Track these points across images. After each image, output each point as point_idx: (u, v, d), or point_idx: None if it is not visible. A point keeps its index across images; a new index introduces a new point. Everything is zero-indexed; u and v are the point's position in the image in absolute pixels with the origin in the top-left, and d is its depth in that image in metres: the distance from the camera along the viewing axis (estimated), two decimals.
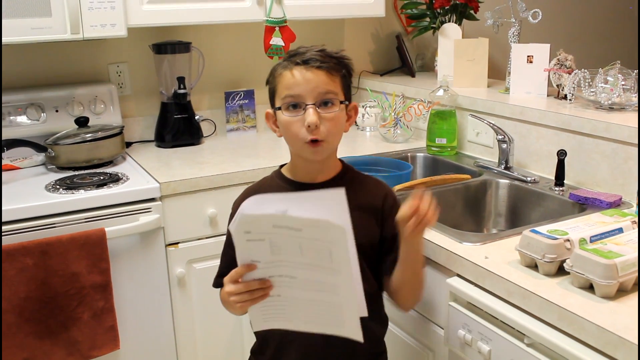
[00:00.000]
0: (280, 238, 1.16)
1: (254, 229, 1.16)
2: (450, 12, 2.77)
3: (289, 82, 1.31)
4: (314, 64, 1.31)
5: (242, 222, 1.16)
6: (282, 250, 1.17)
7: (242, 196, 1.42)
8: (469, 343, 1.41)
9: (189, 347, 2.17)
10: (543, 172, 2.06)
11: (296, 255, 1.17)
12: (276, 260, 1.19)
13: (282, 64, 1.35)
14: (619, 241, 1.32)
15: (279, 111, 1.33)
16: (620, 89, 1.97)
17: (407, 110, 2.53)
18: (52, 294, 1.84)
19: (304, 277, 1.19)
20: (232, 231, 1.18)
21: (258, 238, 1.17)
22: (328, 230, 1.12)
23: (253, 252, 1.20)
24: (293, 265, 1.19)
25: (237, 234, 1.18)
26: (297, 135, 1.31)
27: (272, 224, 1.14)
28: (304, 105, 1.30)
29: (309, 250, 1.16)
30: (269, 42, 2.47)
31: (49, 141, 2.22)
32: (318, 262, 1.17)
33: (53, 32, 2.06)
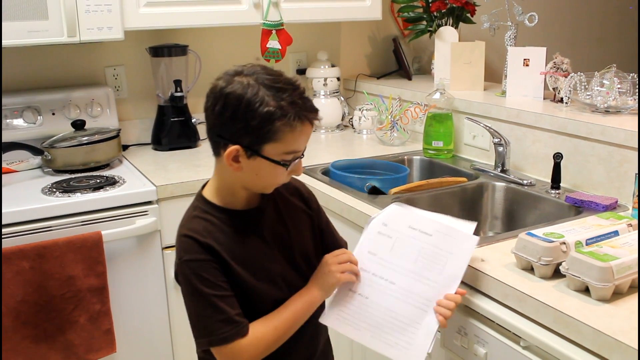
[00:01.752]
0: (405, 241, 1.31)
1: (391, 223, 1.34)
2: (447, 16, 2.78)
3: (299, 137, 1.22)
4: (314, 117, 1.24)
5: (388, 212, 1.35)
6: (399, 254, 1.31)
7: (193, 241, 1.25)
8: (466, 346, 1.41)
9: (185, 349, 2.17)
10: (539, 175, 2.07)
11: (409, 262, 1.30)
12: (389, 262, 1.31)
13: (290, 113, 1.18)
14: (615, 244, 1.32)
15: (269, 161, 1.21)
16: (616, 92, 1.98)
17: (404, 113, 2.53)
18: (49, 297, 1.84)
19: (402, 285, 1.29)
20: (373, 220, 1.37)
21: (388, 234, 1.33)
22: (457, 239, 1.30)
23: (375, 244, 1.34)
24: (400, 271, 1.30)
25: (375, 222, 1.36)
26: (278, 181, 1.28)
27: (409, 224, 1.33)
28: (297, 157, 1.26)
29: (424, 259, 1.30)
30: (266, 45, 2.48)
31: (46, 144, 2.22)
32: (426, 273, 1.29)
33: (50, 35, 2.06)
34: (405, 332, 1.28)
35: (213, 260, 1.23)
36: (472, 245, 1.32)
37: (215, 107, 1.22)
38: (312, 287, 1.32)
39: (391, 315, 1.29)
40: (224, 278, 1.24)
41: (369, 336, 1.29)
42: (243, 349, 1.23)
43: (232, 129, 1.20)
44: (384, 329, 1.29)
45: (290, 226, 1.36)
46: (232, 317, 1.22)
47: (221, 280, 1.23)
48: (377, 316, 1.29)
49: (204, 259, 1.23)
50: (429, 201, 1.99)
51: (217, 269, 1.23)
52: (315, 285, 1.31)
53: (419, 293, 1.28)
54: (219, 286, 1.22)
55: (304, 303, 1.30)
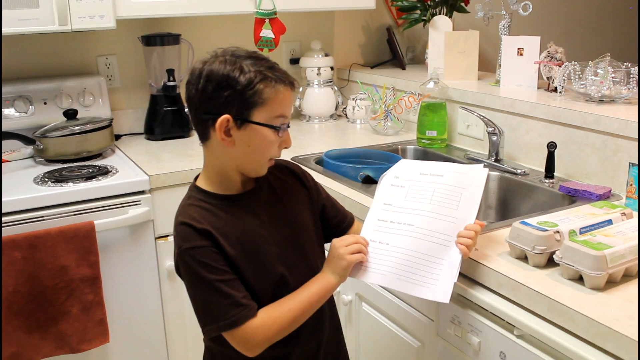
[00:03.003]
0: (418, 186, 1.37)
1: (402, 174, 1.41)
2: (441, 5, 2.77)
3: (286, 102, 1.25)
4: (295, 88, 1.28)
5: (398, 166, 1.43)
6: (414, 198, 1.36)
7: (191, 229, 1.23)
8: (459, 335, 1.41)
9: (179, 339, 2.17)
10: (533, 165, 2.07)
11: (425, 202, 1.35)
12: (405, 207, 1.36)
13: (270, 76, 1.21)
14: (609, 233, 1.32)
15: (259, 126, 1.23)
16: (610, 81, 1.98)
17: (398, 103, 2.52)
18: (41, 287, 1.83)
19: (421, 225, 1.33)
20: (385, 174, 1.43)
21: (400, 184, 1.39)
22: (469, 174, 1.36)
23: (389, 195, 1.39)
24: (417, 213, 1.34)
25: (387, 177, 1.42)
26: (270, 154, 1.28)
27: (420, 171, 1.39)
28: (286, 127, 1.27)
29: (439, 197, 1.34)
30: (259, 34, 2.46)
31: (37, 134, 2.21)
32: (443, 210, 1.33)
33: (40, 24, 2.04)
34: (430, 269, 1.30)
35: (212, 246, 1.22)
36: (483, 176, 1.37)
37: (197, 87, 1.22)
38: (326, 272, 1.32)
39: (414, 255, 1.31)
40: (225, 262, 1.23)
41: (396, 279, 1.31)
42: (256, 330, 1.23)
43: (218, 101, 1.21)
44: (409, 270, 1.30)
45: (287, 205, 1.36)
46: (239, 300, 1.21)
47: (223, 265, 1.23)
48: (400, 259, 1.31)
49: (203, 245, 1.22)
50: None
51: (217, 253, 1.23)
52: (329, 270, 1.31)
53: (438, 230, 1.31)
54: (221, 270, 1.22)
55: (320, 287, 1.30)
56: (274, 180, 1.38)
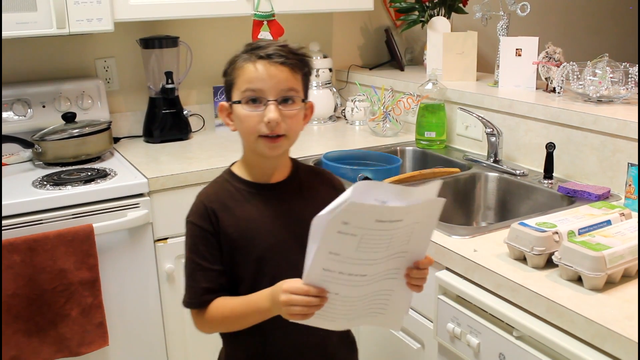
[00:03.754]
0: (374, 235, 1.08)
1: (353, 221, 1.05)
2: (439, 6, 2.77)
3: (251, 76, 1.26)
4: (278, 60, 1.26)
5: (347, 210, 1.03)
6: (369, 249, 1.10)
7: (201, 204, 1.32)
8: (458, 336, 1.41)
9: (178, 342, 2.16)
10: (532, 165, 2.07)
11: (381, 251, 1.11)
12: (356, 259, 1.10)
13: (242, 56, 1.28)
14: (607, 233, 1.32)
15: (236, 105, 1.28)
16: (609, 81, 1.98)
17: (396, 104, 2.52)
18: (40, 290, 1.82)
19: (373, 272, 1.14)
20: (329, 220, 1.04)
21: (351, 232, 1.06)
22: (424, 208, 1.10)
23: (336, 244, 1.08)
24: (370, 263, 1.12)
25: (334, 224, 1.05)
26: (254, 129, 1.27)
27: (376, 218, 1.05)
28: (265, 101, 1.25)
29: (396, 240, 1.11)
30: (257, 36, 2.46)
31: (36, 137, 2.20)
32: (397, 249, 1.13)
33: (39, 27, 2.04)
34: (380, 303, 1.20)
35: (210, 231, 1.29)
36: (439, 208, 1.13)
37: None
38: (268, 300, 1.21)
39: (365, 299, 1.18)
40: (215, 250, 1.29)
41: (345, 322, 1.23)
42: (196, 320, 1.33)
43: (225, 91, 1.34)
44: (359, 312, 1.20)
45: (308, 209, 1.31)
46: (199, 288, 1.29)
47: (210, 253, 1.29)
48: (350, 306, 1.19)
49: (201, 225, 1.29)
50: None
51: (210, 239, 1.29)
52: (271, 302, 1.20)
53: (389, 268, 1.16)
54: (204, 258, 1.29)
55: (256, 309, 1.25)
56: (307, 183, 1.39)
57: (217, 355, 1.49)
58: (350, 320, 1.21)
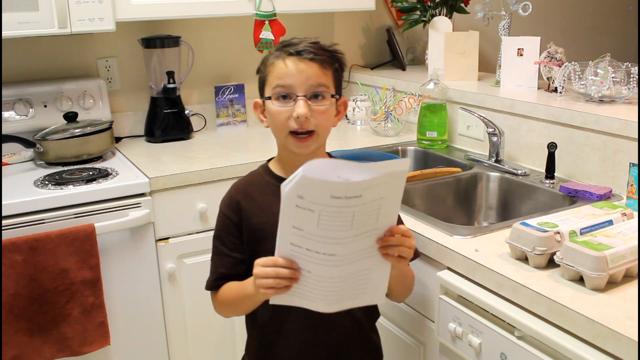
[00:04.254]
0: (332, 211, 1.05)
1: (308, 195, 1.04)
2: (441, 5, 2.77)
3: (280, 72, 1.30)
4: (307, 56, 1.30)
5: (300, 184, 1.03)
6: (330, 226, 1.07)
7: (229, 192, 1.42)
8: (460, 336, 1.41)
9: (180, 342, 2.16)
10: (533, 165, 2.07)
11: (344, 229, 1.08)
12: (320, 236, 1.09)
13: (274, 53, 1.33)
14: (609, 233, 1.32)
15: (268, 101, 1.32)
16: (610, 81, 1.97)
17: (398, 104, 2.52)
18: (42, 290, 1.83)
19: (344, 252, 1.11)
20: (285, 192, 1.06)
21: (308, 207, 1.05)
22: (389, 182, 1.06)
23: (297, 219, 1.08)
24: (336, 242, 1.10)
25: (289, 196, 1.06)
26: (284, 125, 1.30)
27: (330, 194, 1.03)
28: (295, 97, 1.29)
29: (360, 218, 1.08)
30: (259, 36, 2.46)
31: (38, 137, 2.21)
32: (365, 228, 1.10)
33: (40, 27, 2.04)
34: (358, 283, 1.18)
35: (233, 220, 1.36)
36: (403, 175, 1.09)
37: None
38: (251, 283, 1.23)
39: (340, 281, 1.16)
40: (236, 239, 1.37)
41: (324, 304, 1.20)
42: (213, 302, 1.44)
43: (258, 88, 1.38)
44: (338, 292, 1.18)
45: None
46: (216, 273, 1.39)
47: (230, 241, 1.37)
48: (326, 286, 1.16)
49: (228, 215, 1.38)
50: (424, 192, 1.99)
51: (232, 228, 1.37)
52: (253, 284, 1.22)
53: (361, 248, 1.13)
54: (225, 244, 1.38)
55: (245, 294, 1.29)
56: None
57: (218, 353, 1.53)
58: (330, 303, 1.20)
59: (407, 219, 1.65)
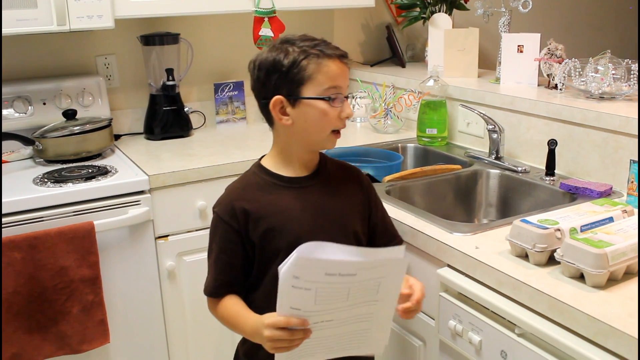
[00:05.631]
0: (328, 288, 1.11)
1: (304, 275, 1.10)
2: (441, 2, 2.76)
3: (334, 74, 1.31)
4: (345, 59, 1.34)
5: (295, 264, 1.09)
6: (327, 301, 1.14)
7: (227, 197, 1.40)
8: (460, 333, 1.41)
9: (179, 339, 2.16)
10: (534, 162, 2.06)
11: (341, 301, 1.14)
12: (318, 310, 1.15)
13: (314, 51, 1.30)
14: (610, 230, 1.32)
15: (311, 100, 1.30)
16: (611, 78, 1.97)
17: (398, 101, 2.52)
18: (41, 288, 1.82)
19: (341, 317, 1.18)
20: (281, 273, 1.11)
21: (305, 287, 1.11)
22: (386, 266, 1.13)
23: (294, 299, 1.13)
24: (334, 311, 1.16)
25: (286, 278, 1.11)
26: (329, 125, 1.33)
27: (325, 272, 1.09)
28: (342, 98, 1.33)
29: (356, 292, 1.14)
30: (258, 33, 2.46)
31: (37, 134, 2.20)
32: (362, 299, 1.16)
33: (39, 24, 2.03)
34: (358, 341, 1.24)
35: (235, 228, 1.34)
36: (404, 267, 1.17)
37: (253, 77, 1.35)
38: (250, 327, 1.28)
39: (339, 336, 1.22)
40: (236, 245, 1.35)
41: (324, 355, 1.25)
42: (209, 305, 1.42)
43: (270, 85, 1.32)
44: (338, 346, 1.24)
45: (339, 204, 1.40)
46: (214, 279, 1.38)
47: (230, 248, 1.35)
48: (326, 344, 1.22)
49: (228, 222, 1.35)
50: (423, 189, 1.99)
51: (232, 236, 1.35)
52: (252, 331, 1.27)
53: (361, 313, 1.19)
54: (223, 251, 1.36)
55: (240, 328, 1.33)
56: (335, 177, 1.43)
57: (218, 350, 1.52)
58: (328, 353, 1.25)
59: (408, 216, 1.65)
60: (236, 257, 1.36)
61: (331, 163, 1.46)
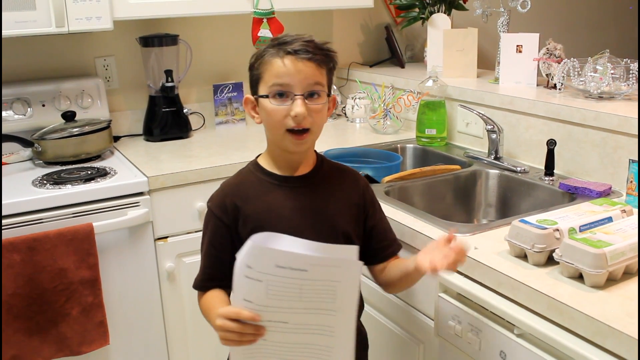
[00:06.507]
0: (279, 282, 1.10)
1: (255, 265, 1.10)
2: (439, 2, 2.76)
3: (279, 71, 1.28)
4: (305, 55, 1.29)
5: (248, 253, 1.09)
6: (279, 296, 1.12)
7: (220, 191, 1.40)
8: (459, 334, 1.40)
9: (179, 341, 2.16)
10: (533, 162, 2.06)
11: (293, 300, 1.12)
12: (271, 306, 1.13)
13: (269, 50, 1.30)
14: (609, 230, 1.32)
15: (263, 99, 1.31)
16: (610, 77, 1.97)
17: (397, 102, 2.52)
18: (40, 290, 1.82)
19: (297, 321, 1.15)
20: (237, 261, 1.11)
21: (256, 277, 1.10)
22: (339, 267, 1.11)
23: (247, 290, 1.12)
24: (287, 311, 1.14)
25: (240, 266, 1.11)
26: (280, 123, 1.30)
27: (275, 263, 1.09)
28: (292, 95, 1.28)
29: (309, 293, 1.12)
30: (257, 34, 2.45)
31: (36, 136, 2.20)
32: (318, 305, 1.14)
33: (38, 26, 2.03)
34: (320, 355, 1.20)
35: (225, 223, 1.35)
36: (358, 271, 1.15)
37: None
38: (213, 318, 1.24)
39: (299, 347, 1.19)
40: (225, 240, 1.35)
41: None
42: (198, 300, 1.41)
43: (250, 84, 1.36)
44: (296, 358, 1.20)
45: (330, 205, 1.38)
46: (203, 272, 1.39)
47: (219, 242, 1.36)
48: (283, 350, 1.20)
49: (219, 217, 1.35)
50: (422, 189, 1.99)
51: (223, 230, 1.35)
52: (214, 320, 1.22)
53: (318, 323, 1.16)
54: (213, 245, 1.37)
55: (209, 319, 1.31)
56: (331, 178, 1.42)
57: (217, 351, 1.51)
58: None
59: (406, 217, 1.65)
60: (225, 252, 1.34)
61: (328, 165, 1.45)
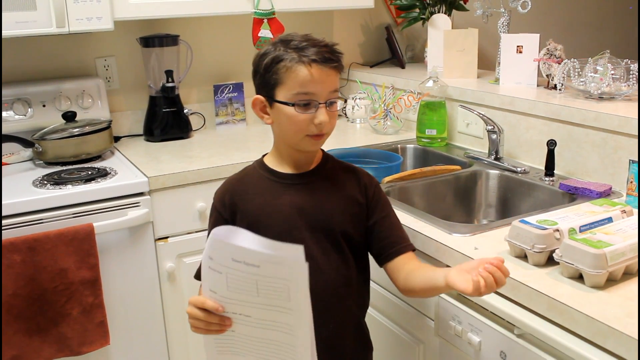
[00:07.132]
0: (236, 275, 1.14)
1: (216, 257, 1.15)
2: (440, 3, 2.76)
3: (304, 80, 1.27)
4: (330, 64, 1.29)
5: (209, 245, 1.15)
6: (238, 289, 1.16)
7: (223, 186, 1.43)
8: (459, 334, 1.40)
9: (179, 341, 2.16)
10: (533, 163, 2.06)
11: (252, 295, 1.15)
12: (232, 299, 1.17)
13: (289, 55, 1.28)
14: (609, 230, 1.32)
15: (281, 104, 1.30)
16: (610, 78, 1.97)
17: (397, 102, 2.52)
18: (41, 290, 1.82)
19: (258, 316, 1.18)
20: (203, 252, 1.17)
21: (217, 269, 1.16)
22: (284, 265, 1.12)
23: (212, 282, 1.18)
24: (248, 305, 1.17)
25: (204, 257, 1.16)
26: (302, 129, 1.31)
27: (231, 257, 1.13)
28: (316, 104, 1.29)
29: (266, 290, 1.15)
30: (258, 34, 2.46)
31: (36, 136, 2.20)
32: (274, 302, 1.16)
33: (38, 26, 2.04)
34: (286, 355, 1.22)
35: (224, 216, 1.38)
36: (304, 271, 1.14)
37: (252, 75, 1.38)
38: None
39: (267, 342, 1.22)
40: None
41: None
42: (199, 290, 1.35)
43: (256, 84, 1.36)
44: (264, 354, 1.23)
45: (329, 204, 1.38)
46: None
47: None
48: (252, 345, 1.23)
49: (219, 209, 1.40)
50: (423, 190, 1.99)
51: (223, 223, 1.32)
52: None
53: (279, 320, 1.19)
54: None
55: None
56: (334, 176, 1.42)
57: None
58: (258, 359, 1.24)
59: (407, 217, 1.65)
60: None
61: (333, 163, 1.45)
